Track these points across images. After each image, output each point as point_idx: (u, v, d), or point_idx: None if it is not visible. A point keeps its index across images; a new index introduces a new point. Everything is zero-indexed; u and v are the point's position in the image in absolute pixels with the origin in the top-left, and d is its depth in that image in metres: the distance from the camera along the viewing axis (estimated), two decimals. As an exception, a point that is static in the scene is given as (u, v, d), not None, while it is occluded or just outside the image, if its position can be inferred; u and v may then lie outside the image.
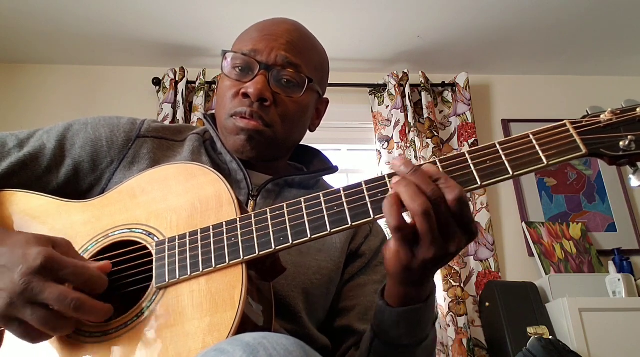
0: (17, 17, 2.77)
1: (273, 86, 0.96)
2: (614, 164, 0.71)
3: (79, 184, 0.95)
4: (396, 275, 0.72)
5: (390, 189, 0.69)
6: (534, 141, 0.70)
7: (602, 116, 0.71)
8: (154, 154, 0.98)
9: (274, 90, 0.96)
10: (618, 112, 0.70)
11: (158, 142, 1.01)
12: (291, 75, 0.97)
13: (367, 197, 0.70)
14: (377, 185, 0.71)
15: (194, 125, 2.79)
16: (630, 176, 0.71)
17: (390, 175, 0.71)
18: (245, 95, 0.95)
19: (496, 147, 0.70)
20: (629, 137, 0.68)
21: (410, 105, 3.01)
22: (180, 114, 2.88)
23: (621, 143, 0.68)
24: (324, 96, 1.12)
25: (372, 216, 0.69)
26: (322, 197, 0.72)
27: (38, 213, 0.85)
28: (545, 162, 0.68)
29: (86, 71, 3.11)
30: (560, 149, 0.69)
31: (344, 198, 0.71)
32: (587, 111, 0.73)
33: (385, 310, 0.76)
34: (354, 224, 0.69)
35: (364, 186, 0.72)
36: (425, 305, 0.76)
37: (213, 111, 1.08)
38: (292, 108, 0.98)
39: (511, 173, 0.69)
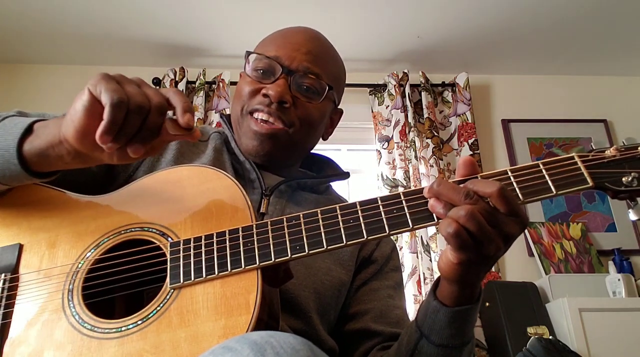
0: (18, 17, 2.76)
1: (293, 90, 0.98)
2: (615, 198, 0.74)
3: (114, 169, 0.97)
4: (454, 278, 0.74)
5: (405, 208, 0.73)
6: (544, 171, 0.73)
7: (607, 152, 0.75)
8: (180, 146, 1.01)
9: (294, 94, 0.98)
10: (622, 149, 0.74)
11: None
12: (311, 83, 1.00)
13: (382, 213, 0.73)
14: (393, 202, 0.74)
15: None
16: (629, 211, 0.76)
17: (406, 194, 0.74)
18: (266, 95, 0.97)
19: (507, 173, 0.74)
20: (632, 173, 0.72)
21: (410, 105, 3.02)
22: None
23: (624, 178, 0.72)
24: (339, 107, 1.13)
25: (387, 232, 0.72)
26: (338, 210, 0.74)
27: (49, 205, 0.85)
28: (554, 192, 0.72)
29: (86, 71, 3.10)
30: (569, 181, 0.72)
31: (360, 212, 0.74)
32: (591, 146, 0.77)
33: (440, 309, 0.78)
34: (369, 238, 0.72)
35: (379, 201, 0.74)
36: (477, 305, 0.78)
37: (225, 110, 1.10)
38: (311, 112, 1.01)
39: (522, 199, 0.72)
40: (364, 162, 3.21)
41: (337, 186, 1.16)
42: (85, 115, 0.64)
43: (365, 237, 0.72)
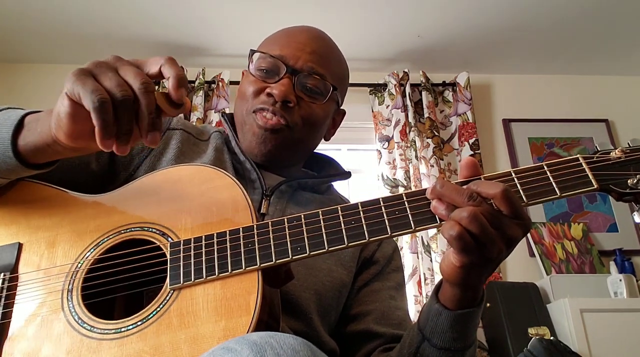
0: (18, 17, 2.76)
1: (297, 90, 0.98)
2: (620, 200, 0.74)
3: (114, 168, 0.96)
4: (456, 281, 0.73)
5: (407, 209, 0.72)
6: (548, 173, 0.73)
7: (612, 153, 0.74)
8: (181, 144, 1.00)
9: (298, 94, 0.98)
10: (627, 151, 0.74)
11: (186, 135, 1.03)
12: (316, 83, 0.99)
13: (384, 214, 0.73)
14: (395, 203, 0.73)
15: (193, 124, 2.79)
16: (634, 213, 0.75)
17: (408, 195, 0.73)
18: (270, 95, 0.96)
19: (511, 175, 0.73)
20: (637, 176, 0.72)
21: (411, 105, 3.01)
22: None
23: (629, 181, 0.72)
24: (341, 107, 1.13)
25: (389, 233, 0.72)
26: (339, 211, 0.74)
27: (48, 204, 0.85)
28: (559, 194, 0.72)
29: (86, 71, 3.10)
30: (573, 183, 0.72)
31: (361, 213, 0.73)
32: (596, 147, 0.76)
33: (442, 312, 0.77)
34: (371, 239, 0.72)
35: (381, 203, 0.74)
36: (479, 308, 0.78)
37: (224, 109, 1.10)
38: (314, 112, 1.00)
39: (526, 201, 0.72)
40: (364, 162, 3.20)
41: (338, 185, 1.15)
42: (71, 121, 0.63)
43: (367, 238, 0.71)
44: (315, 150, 1.13)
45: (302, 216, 0.74)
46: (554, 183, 0.72)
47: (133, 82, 0.61)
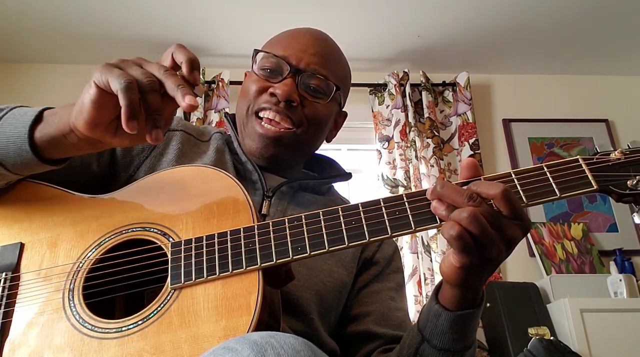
0: (18, 17, 2.76)
1: (301, 90, 0.98)
2: (620, 201, 0.74)
3: (115, 169, 0.97)
4: (456, 282, 0.73)
5: (407, 210, 0.73)
6: (548, 174, 0.73)
7: (611, 155, 0.75)
8: (182, 145, 1.01)
9: (301, 94, 0.98)
10: (627, 152, 0.74)
11: (187, 136, 1.04)
12: (318, 83, 1.00)
13: (385, 214, 0.73)
14: (395, 204, 0.74)
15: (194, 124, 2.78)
16: (634, 214, 0.76)
17: (408, 196, 0.74)
18: (273, 94, 0.97)
19: (511, 176, 0.74)
20: (637, 177, 0.72)
21: (411, 105, 3.01)
22: (179, 114, 2.87)
23: (629, 182, 0.73)
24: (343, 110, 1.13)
25: (389, 233, 0.72)
26: (340, 211, 0.74)
27: (50, 204, 0.85)
28: (558, 195, 0.72)
29: (86, 71, 3.08)
30: (573, 183, 0.73)
31: (362, 214, 0.74)
32: (596, 149, 0.77)
33: (442, 313, 0.77)
34: (371, 239, 0.72)
35: (382, 203, 0.74)
36: (479, 309, 0.78)
37: (225, 109, 1.10)
38: (318, 111, 1.01)
39: (525, 202, 0.72)
40: (364, 162, 3.20)
41: (338, 186, 1.16)
42: (94, 108, 0.65)
43: (368, 238, 0.72)
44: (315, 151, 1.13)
45: (303, 216, 0.75)
46: (553, 184, 0.72)
47: (157, 72, 0.65)
